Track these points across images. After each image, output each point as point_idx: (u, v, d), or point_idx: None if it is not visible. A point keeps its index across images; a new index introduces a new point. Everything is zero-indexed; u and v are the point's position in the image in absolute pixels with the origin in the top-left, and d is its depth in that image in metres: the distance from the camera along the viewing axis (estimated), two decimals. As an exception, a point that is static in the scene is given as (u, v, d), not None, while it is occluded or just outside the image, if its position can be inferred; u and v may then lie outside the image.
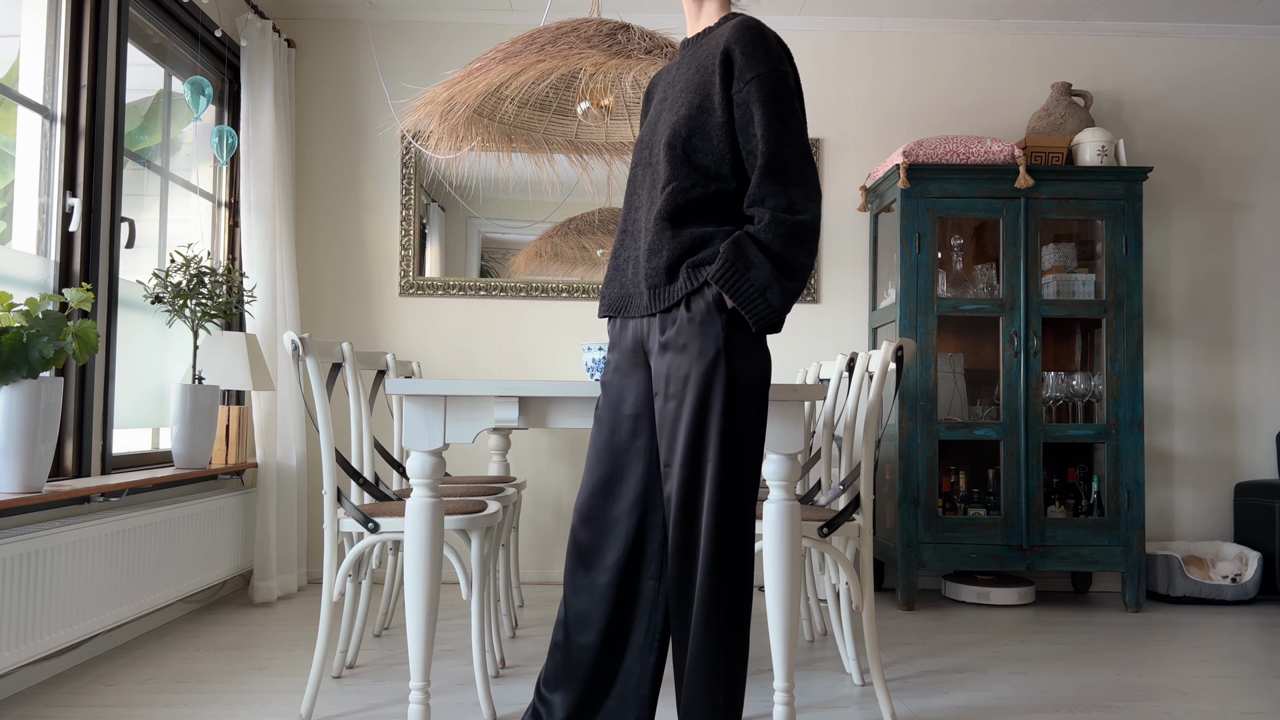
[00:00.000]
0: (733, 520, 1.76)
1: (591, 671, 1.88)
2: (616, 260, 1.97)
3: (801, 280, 1.75)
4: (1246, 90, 4.24)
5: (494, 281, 4.13)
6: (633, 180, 1.97)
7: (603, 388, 1.96)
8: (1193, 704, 2.51)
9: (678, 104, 1.87)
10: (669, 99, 1.92)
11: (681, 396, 1.78)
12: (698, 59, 1.89)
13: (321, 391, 2.34)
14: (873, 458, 2.39)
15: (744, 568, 1.77)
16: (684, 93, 1.87)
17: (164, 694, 2.47)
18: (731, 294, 1.73)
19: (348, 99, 4.18)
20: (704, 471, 1.76)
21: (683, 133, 1.81)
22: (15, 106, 2.76)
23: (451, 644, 3.02)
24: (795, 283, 1.74)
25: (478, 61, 2.68)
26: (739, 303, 1.73)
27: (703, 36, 1.93)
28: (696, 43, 1.94)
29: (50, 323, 2.33)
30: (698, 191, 1.80)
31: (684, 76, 1.90)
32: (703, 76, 1.84)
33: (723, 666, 1.76)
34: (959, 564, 3.63)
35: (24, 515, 2.49)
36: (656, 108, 1.97)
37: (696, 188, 1.80)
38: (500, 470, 3.47)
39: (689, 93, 1.85)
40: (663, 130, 1.87)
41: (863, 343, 4.19)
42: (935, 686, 2.65)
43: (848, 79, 4.23)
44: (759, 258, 1.73)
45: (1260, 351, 4.18)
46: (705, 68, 1.85)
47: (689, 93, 1.85)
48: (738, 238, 1.75)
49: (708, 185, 1.81)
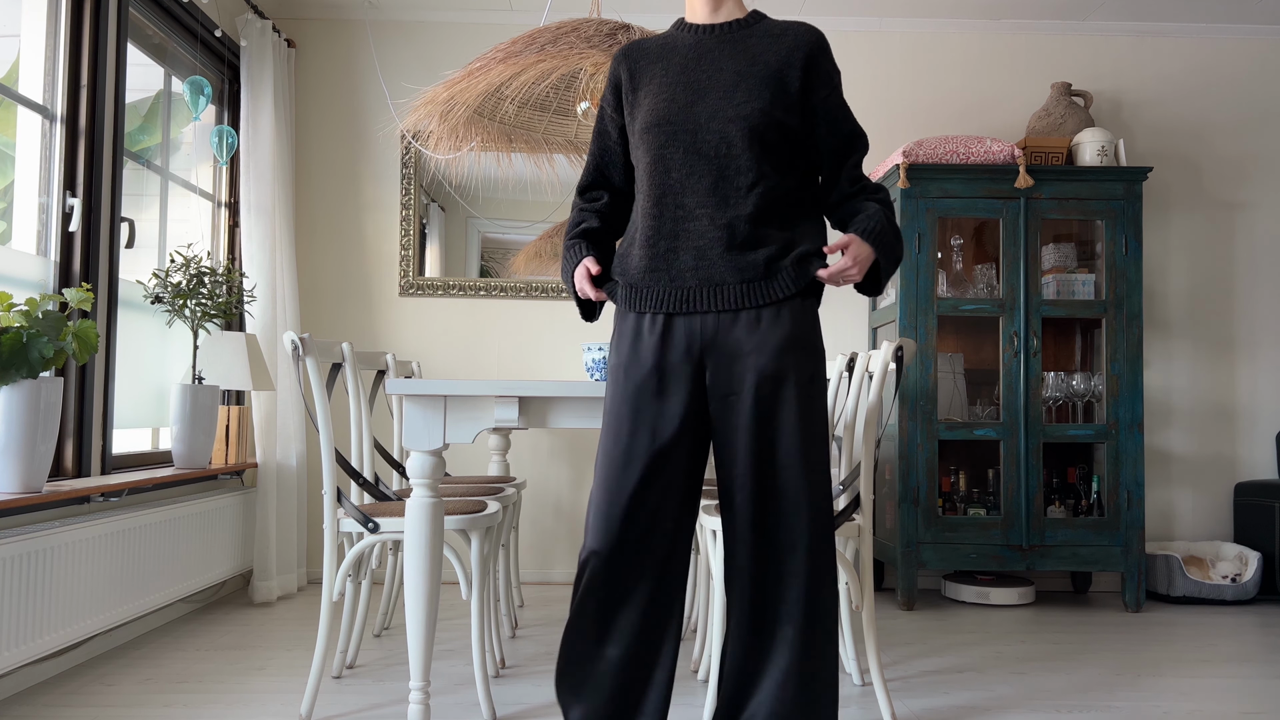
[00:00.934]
0: (830, 529, 1.78)
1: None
2: (654, 249, 1.81)
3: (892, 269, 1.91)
4: (1246, 90, 4.24)
5: (494, 281, 4.13)
6: (664, 161, 1.81)
7: (629, 404, 1.79)
8: (1193, 704, 2.51)
9: (737, 93, 1.79)
10: (709, 84, 1.82)
11: (780, 397, 1.74)
12: (748, 50, 1.83)
13: (321, 391, 2.34)
14: (873, 458, 2.39)
15: (835, 578, 1.80)
16: (743, 83, 1.80)
17: (164, 694, 2.47)
18: (885, 253, 1.83)
19: (348, 99, 4.18)
20: (810, 477, 1.74)
21: (763, 124, 1.77)
22: (15, 106, 2.76)
23: (451, 644, 3.02)
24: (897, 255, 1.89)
25: (478, 61, 2.68)
26: (887, 262, 1.84)
27: (744, 27, 1.87)
28: (734, 31, 1.86)
29: (50, 323, 2.33)
30: (786, 185, 1.81)
31: (730, 66, 1.82)
32: (766, 71, 1.80)
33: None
34: (959, 564, 3.63)
35: (24, 515, 2.49)
36: (684, 89, 1.83)
37: (786, 181, 1.82)
38: (500, 470, 3.47)
39: (754, 85, 1.79)
40: (727, 116, 1.78)
41: (863, 343, 4.19)
42: (935, 686, 2.65)
43: (848, 79, 4.23)
44: (896, 229, 1.87)
45: (1260, 351, 4.18)
46: (767, 63, 1.81)
47: (754, 85, 1.79)
48: (884, 210, 1.87)
49: (786, 179, 1.82)
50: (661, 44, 1.93)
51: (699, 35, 1.89)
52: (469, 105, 2.84)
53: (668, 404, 1.77)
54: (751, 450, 1.74)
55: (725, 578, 1.81)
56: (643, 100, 1.87)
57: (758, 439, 1.74)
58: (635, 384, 1.79)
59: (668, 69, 1.87)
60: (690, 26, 1.91)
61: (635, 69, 1.91)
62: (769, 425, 1.74)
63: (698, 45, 1.88)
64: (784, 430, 1.73)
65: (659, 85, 1.85)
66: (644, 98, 1.87)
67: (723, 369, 1.77)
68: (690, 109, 1.80)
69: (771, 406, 1.74)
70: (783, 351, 1.75)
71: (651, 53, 1.92)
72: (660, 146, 1.81)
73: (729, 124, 1.77)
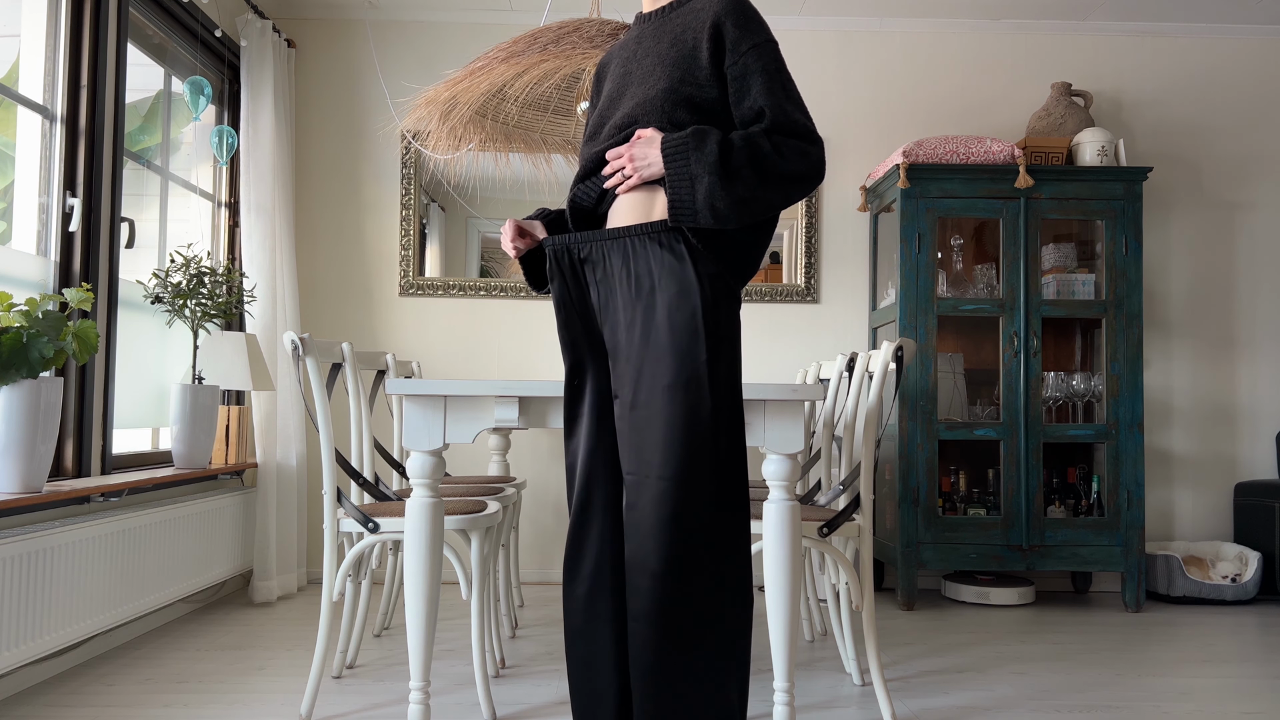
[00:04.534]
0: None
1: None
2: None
3: (745, 203, 1.66)
4: (1246, 90, 4.24)
5: (494, 281, 4.13)
6: (600, 158, 1.87)
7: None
8: (1193, 704, 2.51)
9: (651, 78, 1.79)
10: (635, 74, 1.84)
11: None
12: (670, 32, 1.82)
13: (321, 391, 2.34)
14: (873, 458, 2.39)
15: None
16: (659, 66, 1.79)
17: (164, 694, 2.47)
18: (674, 167, 1.67)
19: (348, 99, 4.18)
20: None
21: (670, 102, 1.75)
22: (15, 106, 2.76)
23: (451, 644, 3.02)
24: (735, 197, 1.66)
25: (479, 61, 2.68)
26: (675, 180, 1.67)
27: (671, 10, 1.86)
28: (664, 16, 1.87)
29: (50, 323, 2.33)
30: None
31: (654, 51, 1.83)
32: (681, 50, 1.78)
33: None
34: (959, 564, 3.63)
35: (24, 515, 2.49)
36: (618, 84, 1.88)
37: None
38: (500, 470, 3.47)
39: (666, 66, 1.78)
40: (631, 105, 1.80)
41: (863, 343, 4.19)
42: (935, 686, 2.65)
43: (848, 79, 4.23)
44: (718, 151, 1.66)
45: (1260, 351, 4.18)
46: (683, 41, 1.78)
47: (666, 66, 1.78)
48: (739, 141, 1.67)
49: None
50: (622, 43, 1.96)
51: (641, 26, 1.92)
52: (471, 105, 2.84)
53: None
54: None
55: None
56: (599, 103, 1.95)
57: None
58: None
59: (617, 67, 1.91)
60: (639, 18, 1.94)
61: (603, 74, 1.98)
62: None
63: (639, 37, 1.91)
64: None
65: (608, 87, 1.92)
66: (599, 100, 1.95)
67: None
68: (617, 101, 1.85)
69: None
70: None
71: (615, 53, 1.97)
72: (588, 138, 1.90)
73: (637, 107, 1.79)
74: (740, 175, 1.66)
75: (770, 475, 2.03)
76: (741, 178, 1.66)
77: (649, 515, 1.69)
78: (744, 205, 1.67)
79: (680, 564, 1.67)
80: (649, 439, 1.70)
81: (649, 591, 1.68)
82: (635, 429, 1.72)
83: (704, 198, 1.66)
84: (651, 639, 1.68)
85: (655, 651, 1.68)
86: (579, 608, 1.82)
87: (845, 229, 4.20)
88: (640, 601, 1.69)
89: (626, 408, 1.74)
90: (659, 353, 1.71)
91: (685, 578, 1.67)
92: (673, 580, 1.67)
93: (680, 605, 1.67)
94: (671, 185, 1.68)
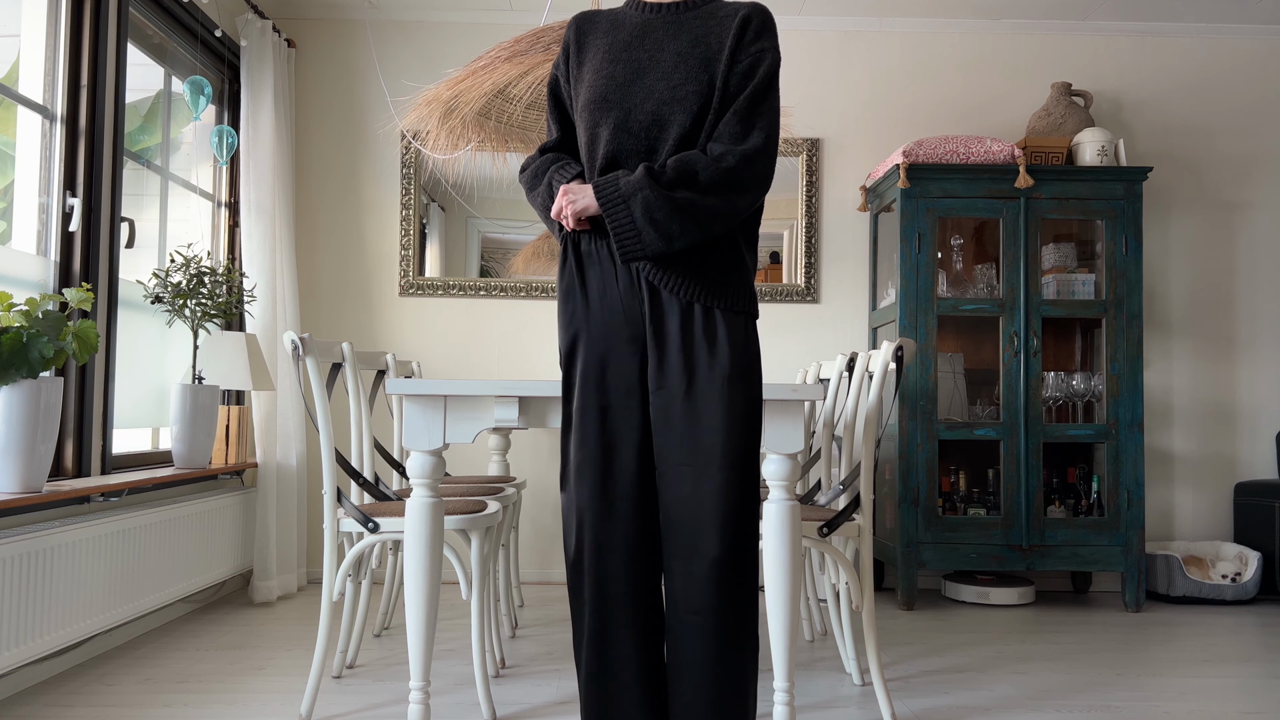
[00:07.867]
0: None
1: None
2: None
3: (684, 210, 1.72)
4: (1246, 90, 4.24)
5: (494, 281, 4.13)
6: (598, 138, 1.85)
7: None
8: (1193, 704, 2.51)
9: (675, 75, 1.81)
10: (648, 67, 1.83)
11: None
12: (689, 31, 1.84)
13: (321, 391, 2.34)
14: (873, 458, 2.39)
15: None
16: (682, 65, 1.81)
17: (164, 694, 2.47)
18: (609, 206, 1.74)
19: (348, 99, 4.18)
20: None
21: (701, 105, 1.79)
22: (15, 106, 2.76)
23: (451, 644, 3.02)
24: (672, 204, 1.71)
25: (481, 60, 2.68)
26: (610, 217, 1.74)
27: (686, 9, 1.88)
28: (679, 12, 1.88)
29: (50, 323, 2.33)
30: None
31: (671, 48, 1.83)
32: (708, 53, 1.81)
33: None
34: (959, 564, 3.63)
35: (24, 515, 2.49)
36: (625, 69, 1.85)
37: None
38: (500, 470, 3.47)
39: (692, 68, 1.80)
40: (655, 103, 1.80)
41: (863, 343, 4.19)
42: (935, 686, 2.65)
43: (848, 79, 4.23)
44: (645, 173, 1.73)
45: (1260, 351, 4.18)
46: (707, 43, 1.82)
47: (692, 68, 1.80)
48: (672, 172, 1.75)
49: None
50: (611, 19, 1.94)
51: (646, 14, 1.91)
52: (473, 105, 2.84)
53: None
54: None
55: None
56: (585, 75, 1.90)
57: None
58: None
59: (611, 45, 1.89)
60: (639, 5, 1.93)
61: (583, 40, 1.94)
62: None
63: (644, 24, 1.90)
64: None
65: (600, 61, 1.88)
66: (586, 73, 1.90)
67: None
68: (628, 88, 1.83)
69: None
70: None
71: (600, 25, 1.94)
72: (594, 125, 1.85)
73: (663, 105, 1.80)
74: (673, 185, 1.72)
75: (770, 475, 2.03)
76: (675, 187, 1.72)
77: (711, 505, 1.75)
78: (684, 213, 1.72)
79: (738, 553, 1.76)
80: (708, 427, 1.76)
81: (708, 581, 1.74)
82: (691, 419, 1.77)
83: (641, 214, 1.72)
84: (717, 627, 1.75)
85: (720, 639, 1.75)
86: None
87: (845, 229, 4.20)
88: (699, 593, 1.75)
89: (678, 398, 1.78)
90: (718, 344, 1.78)
91: (740, 568, 1.76)
92: (735, 571, 1.75)
93: (740, 593, 1.76)
94: (608, 215, 1.74)
